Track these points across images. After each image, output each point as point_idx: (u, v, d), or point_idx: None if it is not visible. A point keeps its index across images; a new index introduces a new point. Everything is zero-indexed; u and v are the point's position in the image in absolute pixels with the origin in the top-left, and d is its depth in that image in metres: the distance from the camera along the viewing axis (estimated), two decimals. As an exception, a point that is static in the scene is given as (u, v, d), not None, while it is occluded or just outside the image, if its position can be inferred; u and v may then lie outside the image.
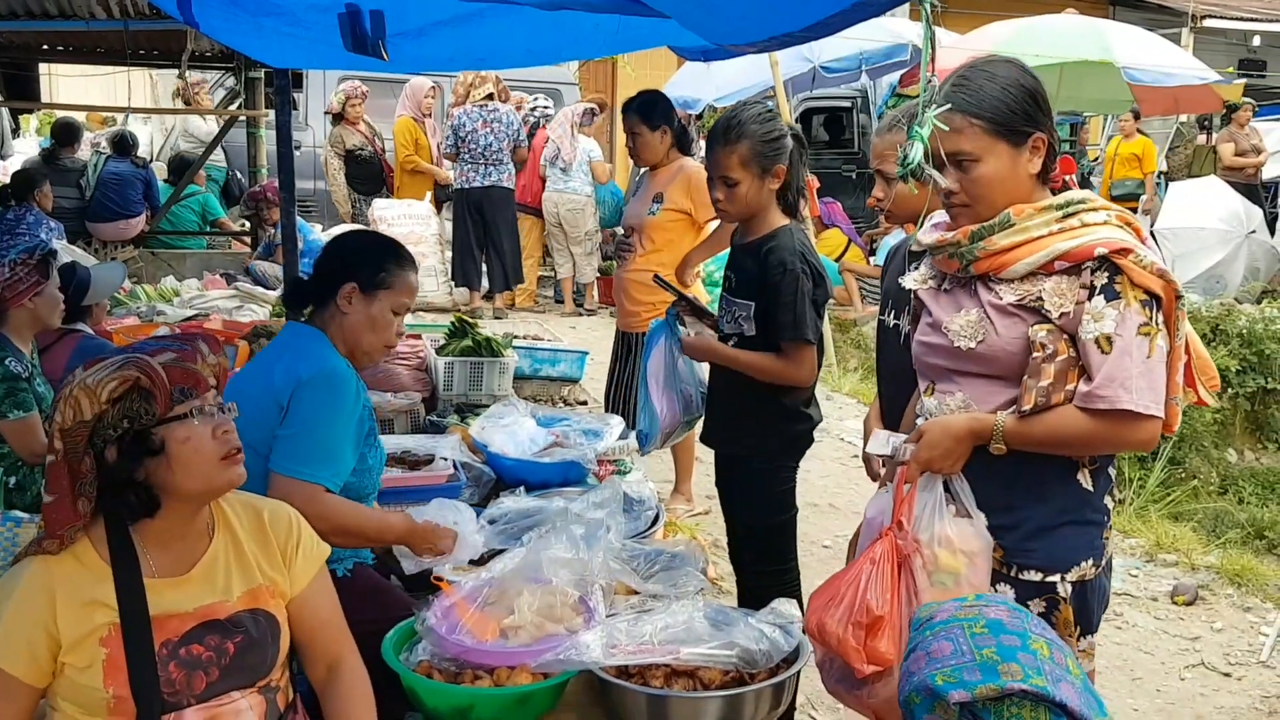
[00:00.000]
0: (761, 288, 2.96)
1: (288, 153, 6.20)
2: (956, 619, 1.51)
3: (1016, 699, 1.41)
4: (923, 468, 2.16)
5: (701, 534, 4.61)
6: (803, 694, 3.55)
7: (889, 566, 2.18)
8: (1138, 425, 1.95)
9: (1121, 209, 2.11)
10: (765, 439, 3.07)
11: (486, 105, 8.72)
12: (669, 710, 2.12)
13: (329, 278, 2.56)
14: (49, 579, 1.78)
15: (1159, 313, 1.98)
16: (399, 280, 2.56)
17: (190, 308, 6.79)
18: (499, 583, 2.37)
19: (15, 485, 3.50)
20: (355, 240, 2.70)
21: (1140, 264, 1.95)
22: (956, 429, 2.10)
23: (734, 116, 3.01)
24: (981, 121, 2.05)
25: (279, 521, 2.03)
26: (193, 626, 1.84)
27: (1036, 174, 2.09)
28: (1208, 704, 3.65)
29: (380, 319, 2.54)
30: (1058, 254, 2.00)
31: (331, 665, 2.05)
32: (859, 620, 2.15)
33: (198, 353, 1.87)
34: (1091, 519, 2.09)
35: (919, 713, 1.49)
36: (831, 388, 7.60)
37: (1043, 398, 1.99)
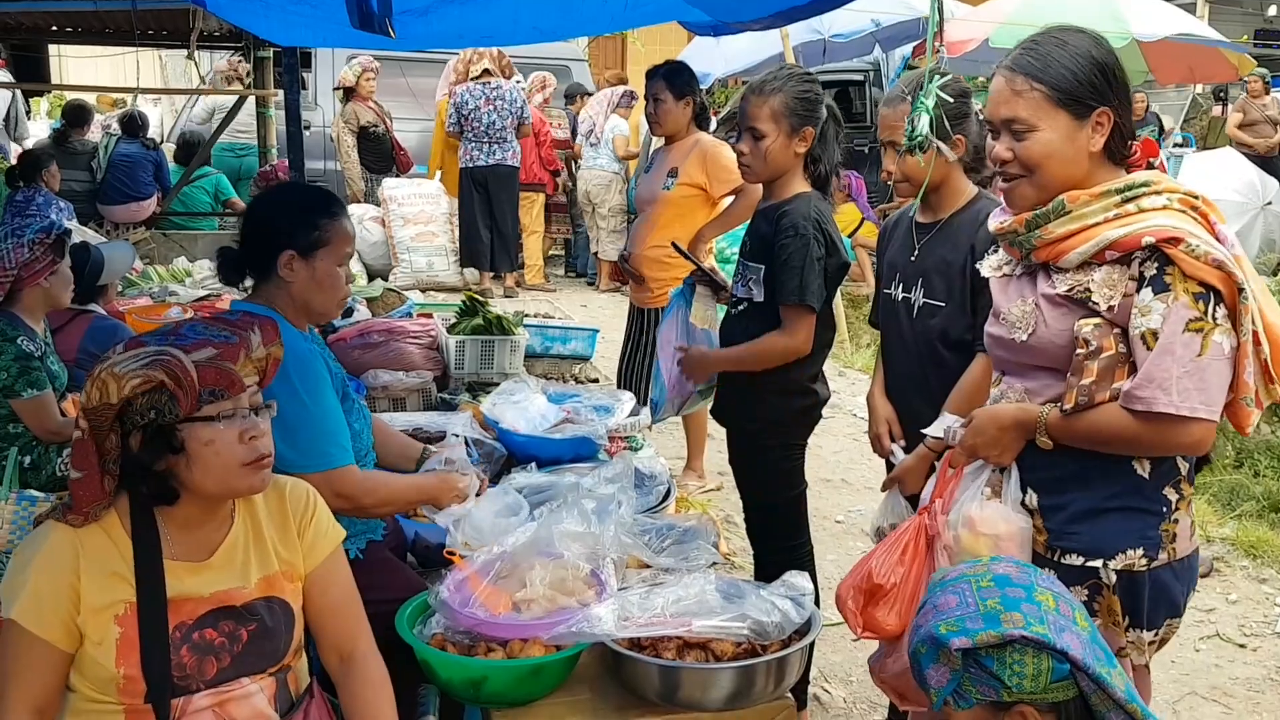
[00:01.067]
0: (772, 250, 2.94)
1: (297, 132, 6.23)
2: (965, 575, 1.52)
3: (1019, 646, 1.41)
4: (969, 454, 2.14)
5: (714, 510, 4.61)
6: (816, 667, 3.56)
7: (911, 543, 2.21)
8: (1181, 428, 1.85)
9: (1192, 191, 1.96)
10: (773, 415, 3.06)
11: (490, 83, 8.67)
12: (681, 681, 2.12)
13: (263, 248, 2.45)
14: (74, 542, 1.77)
15: (1218, 307, 1.84)
16: (334, 232, 2.46)
17: (202, 288, 6.81)
18: (511, 557, 2.37)
19: (30, 465, 3.52)
20: (279, 202, 2.58)
21: (1193, 254, 1.82)
22: (1003, 419, 2.07)
23: (770, 73, 3.00)
24: (1043, 87, 1.95)
25: (296, 498, 2.03)
26: (207, 611, 1.84)
27: (1100, 152, 1.98)
28: (1222, 675, 3.64)
29: (325, 278, 2.45)
30: (1107, 243, 1.90)
31: (345, 654, 2.02)
32: (859, 585, 2.21)
33: (244, 346, 1.81)
34: (1145, 508, 1.98)
35: (925, 662, 1.49)
36: (844, 364, 7.58)
37: (1084, 396, 1.91)
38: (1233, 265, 1.83)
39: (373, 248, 9.33)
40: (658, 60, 4.99)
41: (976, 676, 1.44)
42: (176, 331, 1.81)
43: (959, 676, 1.45)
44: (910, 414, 2.77)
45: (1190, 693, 3.54)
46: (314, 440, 2.34)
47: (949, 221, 2.71)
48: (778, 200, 3.02)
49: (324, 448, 2.35)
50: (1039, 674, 1.41)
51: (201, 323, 1.86)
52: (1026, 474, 2.10)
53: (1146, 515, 1.99)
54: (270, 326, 1.89)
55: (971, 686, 1.45)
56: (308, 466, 2.29)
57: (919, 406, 2.73)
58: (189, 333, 1.81)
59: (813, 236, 2.90)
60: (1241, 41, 12.55)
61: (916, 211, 2.82)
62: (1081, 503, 2.02)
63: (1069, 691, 1.42)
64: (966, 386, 2.63)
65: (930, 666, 1.48)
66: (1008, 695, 1.42)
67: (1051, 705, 1.43)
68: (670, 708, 2.14)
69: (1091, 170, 1.99)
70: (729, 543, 4.23)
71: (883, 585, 2.21)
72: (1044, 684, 1.41)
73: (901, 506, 2.59)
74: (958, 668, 1.45)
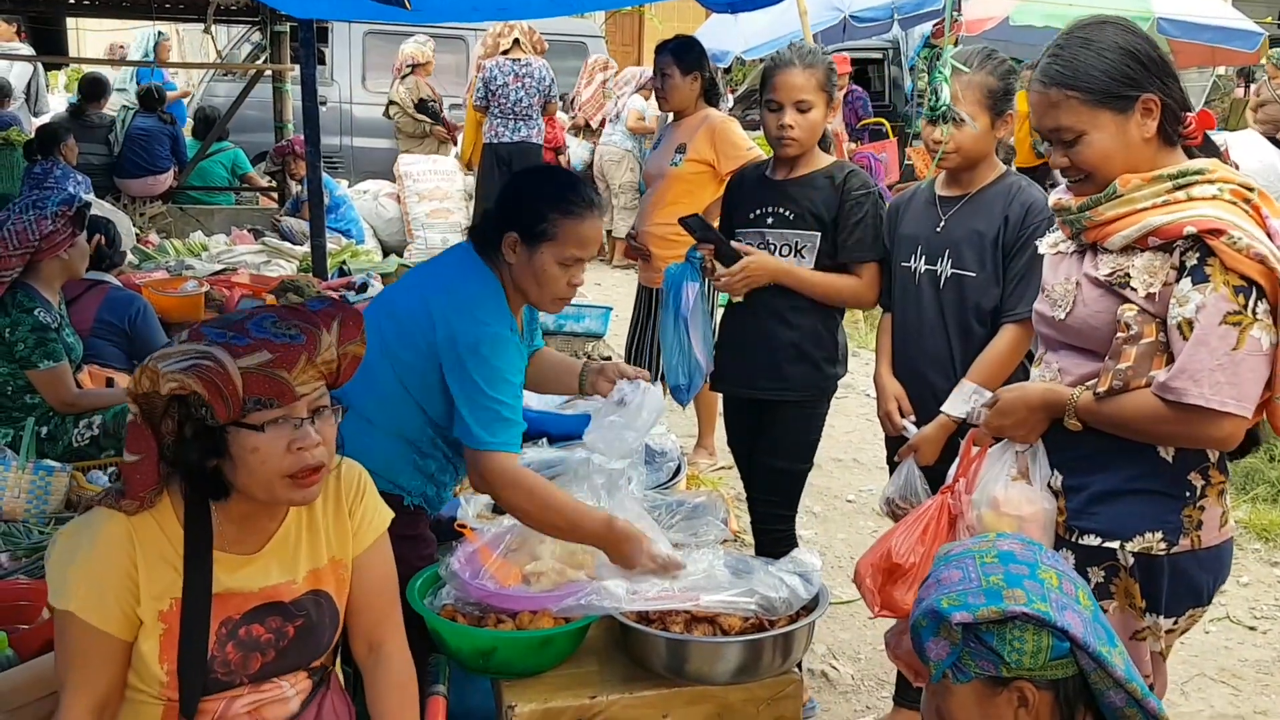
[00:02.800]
0: (840, 211, 2.95)
1: (313, 107, 6.22)
2: (970, 550, 1.52)
3: (1019, 622, 1.42)
4: (994, 434, 2.14)
5: (724, 487, 4.62)
6: (824, 644, 3.58)
7: (932, 523, 2.23)
8: (1212, 422, 1.82)
9: (1248, 183, 1.90)
10: (816, 381, 3.06)
11: (519, 59, 8.64)
12: (689, 655, 2.14)
13: (496, 219, 2.38)
14: (128, 530, 1.72)
15: (1259, 301, 1.80)
16: (565, 231, 2.31)
17: (218, 262, 6.84)
18: (521, 530, 2.39)
19: (47, 435, 3.55)
20: (523, 183, 2.46)
21: (1234, 246, 1.78)
22: (1031, 399, 2.06)
23: (801, 47, 3.01)
24: (1078, 93, 1.93)
25: (350, 479, 1.96)
26: (255, 606, 1.80)
27: (1156, 137, 1.94)
28: (1231, 657, 3.64)
29: (544, 272, 2.33)
30: (1150, 229, 1.87)
31: (373, 646, 1.97)
32: (878, 564, 2.22)
33: (309, 349, 1.69)
34: (1166, 491, 1.96)
35: (925, 635, 1.51)
36: (859, 343, 7.56)
37: (1119, 381, 1.90)
38: (1276, 260, 1.80)
39: (387, 224, 9.35)
40: (673, 35, 4.94)
41: (976, 651, 1.45)
42: (241, 326, 1.69)
43: (959, 650, 1.46)
44: (930, 391, 2.76)
45: (1199, 674, 3.53)
46: (492, 418, 2.25)
47: (977, 195, 2.74)
48: (815, 169, 3.02)
49: (499, 428, 2.25)
50: (1038, 651, 1.42)
51: (275, 314, 1.74)
52: (1051, 454, 2.09)
53: (1167, 499, 1.96)
54: (354, 322, 1.78)
55: (971, 661, 1.46)
56: (481, 444, 2.25)
57: (939, 382, 2.73)
58: (254, 328, 1.68)
59: (877, 195, 2.98)
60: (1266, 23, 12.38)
61: (939, 185, 2.82)
62: (1101, 484, 2.01)
63: (1068, 669, 1.43)
64: (990, 358, 2.64)
65: (930, 639, 1.50)
66: (1006, 671, 1.43)
67: (1050, 682, 1.43)
68: (677, 680, 2.16)
69: (1151, 156, 1.96)
70: (739, 520, 4.23)
71: (901, 564, 2.22)
72: (1043, 661, 1.42)
73: (915, 479, 2.60)
74: (957, 642, 1.46)
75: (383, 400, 2.34)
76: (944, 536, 2.21)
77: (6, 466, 3.22)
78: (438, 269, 2.45)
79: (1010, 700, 1.44)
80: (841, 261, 2.99)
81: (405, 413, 2.36)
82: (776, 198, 3.05)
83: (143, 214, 8.37)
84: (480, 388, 2.24)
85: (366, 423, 2.33)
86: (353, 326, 1.77)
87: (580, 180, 2.44)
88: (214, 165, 9.38)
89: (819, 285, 2.99)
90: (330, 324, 1.74)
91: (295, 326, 1.71)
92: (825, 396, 3.13)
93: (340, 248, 7.77)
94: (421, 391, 2.34)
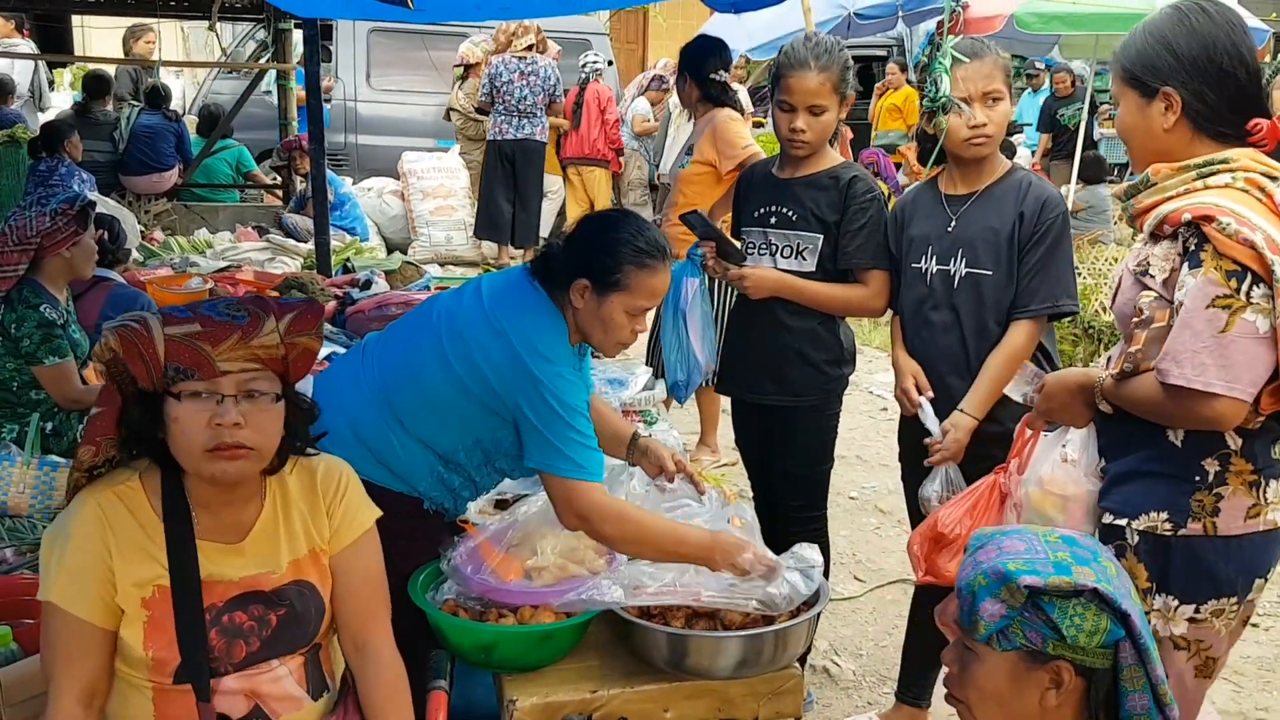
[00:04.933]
0: (844, 216, 2.91)
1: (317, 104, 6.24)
2: (1029, 529, 1.54)
3: (1085, 599, 1.42)
4: (1042, 418, 2.22)
5: (728, 485, 4.63)
6: (825, 640, 3.58)
7: (982, 499, 2.32)
8: (1200, 402, 1.86)
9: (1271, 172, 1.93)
10: (821, 385, 3.02)
11: (525, 57, 8.65)
12: (689, 650, 2.15)
13: (568, 262, 2.33)
14: (101, 519, 1.76)
15: (1255, 285, 1.83)
16: (637, 283, 2.28)
17: (222, 259, 6.87)
18: (523, 526, 2.40)
19: (52, 431, 3.56)
20: (599, 230, 2.37)
21: (1224, 232, 1.83)
22: (1070, 383, 2.15)
23: (816, 44, 2.90)
24: (1117, 65, 2.06)
25: (329, 478, 1.96)
26: (237, 595, 1.82)
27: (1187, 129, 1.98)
28: (1234, 653, 3.59)
29: (611, 320, 2.31)
30: (1161, 217, 1.95)
31: (360, 646, 1.95)
32: (926, 534, 2.35)
33: (244, 331, 1.72)
34: (1175, 474, 1.99)
35: (982, 595, 1.48)
36: (862, 341, 7.57)
37: (1130, 364, 1.96)
38: (1264, 247, 1.82)
39: (392, 221, 9.36)
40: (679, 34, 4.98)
41: (1031, 621, 1.44)
42: (198, 306, 1.78)
43: (1013, 616, 1.45)
44: (945, 392, 2.75)
45: (1201, 671, 3.54)
46: (566, 444, 2.22)
47: (986, 191, 2.71)
48: (823, 169, 2.97)
49: (577, 454, 2.23)
50: (1095, 631, 1.42)
51: (240, 300, 1.81)
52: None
53: (1176, 481, 2.00)
54: (311, 317, 1.80)
55: (1021, 629, 1.45)
56: (559, 470, 2.23)
57: (954, 383, 2.73)
58: (206, 307, 1.76)
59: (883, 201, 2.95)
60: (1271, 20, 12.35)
61: (944, 183, 2.80)
62: (1121, 465, 2.08)
63: (1107, 660, 1.43)
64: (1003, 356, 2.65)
65: (987, 599, 1.47)
66: (1052, 647, 1.43)
67: (1088, 670, 1.43)
68: (678, 675, 2.17)
69: (1183, 145, 2.01)
70: (742, 517, 4.24)
71: (946, 534, 2.33)
72: (1096, 643, 1.42)
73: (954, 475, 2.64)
74: (1016, 606, 1.45)
75: (427, 412, 2.31)
76: (993, 512, 2.30)
77: (11, 462, 3.24)
78: (505, 295, 2.36)
79: (1042, 681, 1.44)
80: (843, 268, 2.94)
81: (447, 429, 2.33)
82: (781, 197, 3.01)
83: (148, 211, 8.39)
84: (557, 419, 2.22)
85: (398, 424, 2.31)
86: (309, 320, 1.79)
87: (653, 228, 2.40)
88: (219, 163, 9.40)
89: (821, 298, 2.95)
90: (284, 314, 1.77)
91: (245, 310, 1.76)
92: (833, 398, 3.09)
93: (345, 245, 7.79)
94: (475, 412, 2.30)
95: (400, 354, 2.38)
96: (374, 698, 1.93)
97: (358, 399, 2.36)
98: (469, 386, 2.27)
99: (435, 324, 2.35)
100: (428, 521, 2.39)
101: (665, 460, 2.57)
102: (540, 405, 2.22)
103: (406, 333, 2.43)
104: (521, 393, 2.23)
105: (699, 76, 4.65)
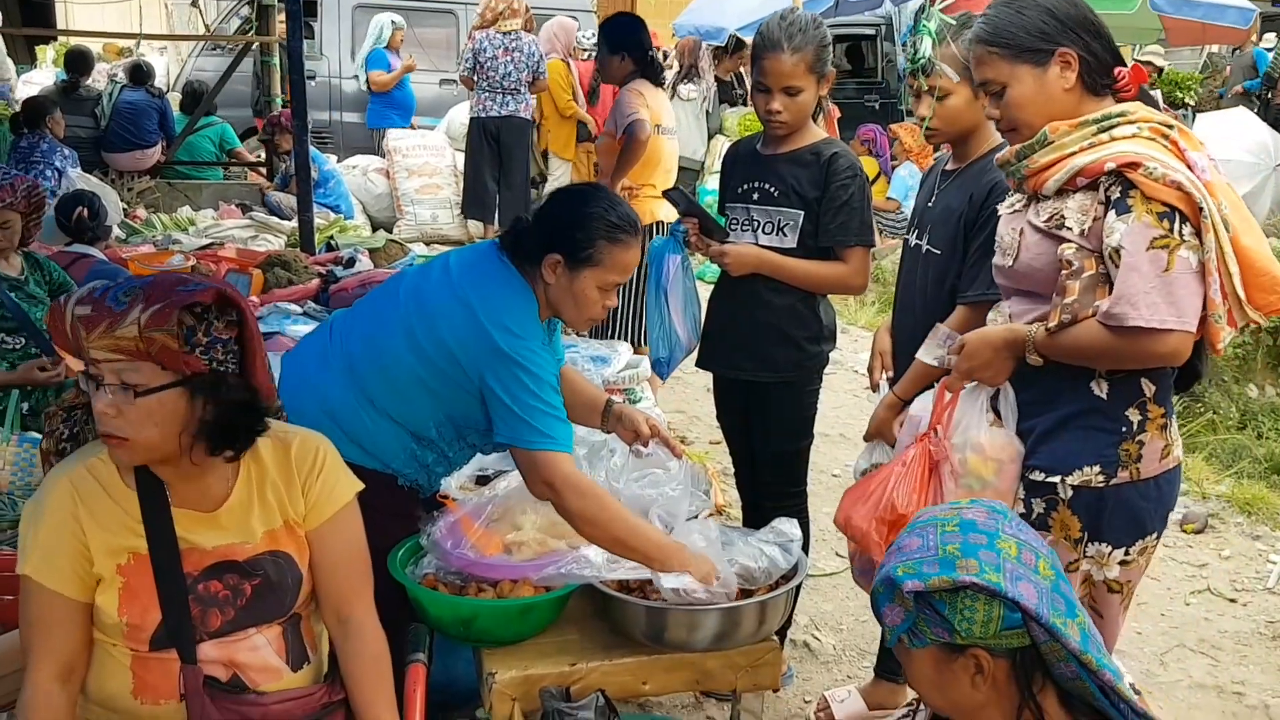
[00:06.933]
0: (825, 192, 2.91)
1: (300, 80, 6.20)
2: (935, 518, 1.53)
3: (970, 592, 1.43)
4: (964, 377, 2.22)
5: (711, 462, 4.64)
6: (807, 615, 3.60)
7: (919, 469, 2.30)
8: (1154, 340, 1.94)
9: (1166, 120, 2.05)
10: (800, 361, 3.02)
11: (510, 33, 8.57)
12: (667, 623, 2.16)
13: (539, 238, 2.32)
14: (73, 494, 1.77)
15: (1184, 225, 1.93)
16: (610, 258, 2.29)
17: (205, 237, 6.83)
18: (503, 501, 2.41)
19: (29, 410, 3.54)
20: (571, 205, 2.37)
21: (1150, 176, 1.91)
22: (994, 340, 2.17)
23: (790, 24, 2.89)
24: (997, 48, 2.09)
25: (305, 453, 1.94)
26: (212, 564, 1.82)
27: (1077, 88, 2.08)
28: (1211, 628, 3.67)
29: (583, 295, 2.31)
30: (1075, 170, 2.00)
31: (342, 618, 1.95)
32: (883, 516, 2.29)
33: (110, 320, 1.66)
34: (1102, 427, 2.08)
35: (881, 602, 1.52)
36: (848, 320, 7.58)
37: (1068, 314, 2.01)
38: (1191, 186, 1.91)
39: (377, 199, 9.31)
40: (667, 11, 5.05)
41: (930, 619, 1.46)
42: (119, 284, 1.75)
43: (913, 617, 1.48)
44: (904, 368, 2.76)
45: (1179, 645, 3.57)
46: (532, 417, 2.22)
47: (965, 169, 2.70)
48: (805, 145, 2.96)
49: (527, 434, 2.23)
50: (989, 620, 1.42)
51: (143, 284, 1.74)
52: None
53: (1103, 434, 2.08)
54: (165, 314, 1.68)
55: (926, 627, 1.47)
56: (526, 442, 2.22)
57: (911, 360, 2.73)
58: (118, 288, 1.72)
59: (865, 178, 2.95)
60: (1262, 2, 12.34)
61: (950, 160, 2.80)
62: (1046, 422, 2.13)
63: (1023, 639, 1.43)
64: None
65: (886, 606, 1.51)
66: (959, 639, 1.44)
67: (1006, 651, 1.44)
68: (656, 648, 2.19)
69: (1074, 105, 2.09)
70: (725, 494, 4.25)
71: (906, 515, 2.28)
72: (994, 630, 1.42)
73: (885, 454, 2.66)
74: (911, 609, 1.47)
75: (396, 389, 2.30)
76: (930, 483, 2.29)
77: (-9, 439, 3.23)
78: (473, 269, 2.36)
79: (966, 667, 1.45)
80: (824, 245, 2.94)
81: (417, 406, 2.32)
82: (763, 173, 3.00)
83: (130, 188, 8.33)
84: (525, 391, 2.22)
85: (368, 402, 2.31)
86: (162, 318, 1.67)
87: (624, 203, 2.40)
88: (202, 140, 9.35)
89: (800, 275, 2.95)
90: (149, 307, 1.67)
91: (131, 297, 1.69)
92: (813, 374, 3.09)
93: (329, 223, 7.75)
94: (447, 391, 2.30)
95: (368, 331, 2.37)
96: (356, 670, 1.93)
97: (327, 377, 2.36)
98: (436, 363, 2.27)
99: (402, 301, 2.35)
100: (403, 497, 2.39)
101: (640, 424, 2.57)
102: (508, 379, 2.22)
103: (373, 310, 2.43)
104: (489, 367, 2.23)
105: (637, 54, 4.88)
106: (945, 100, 2.60)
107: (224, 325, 1.76)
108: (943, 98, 2.60)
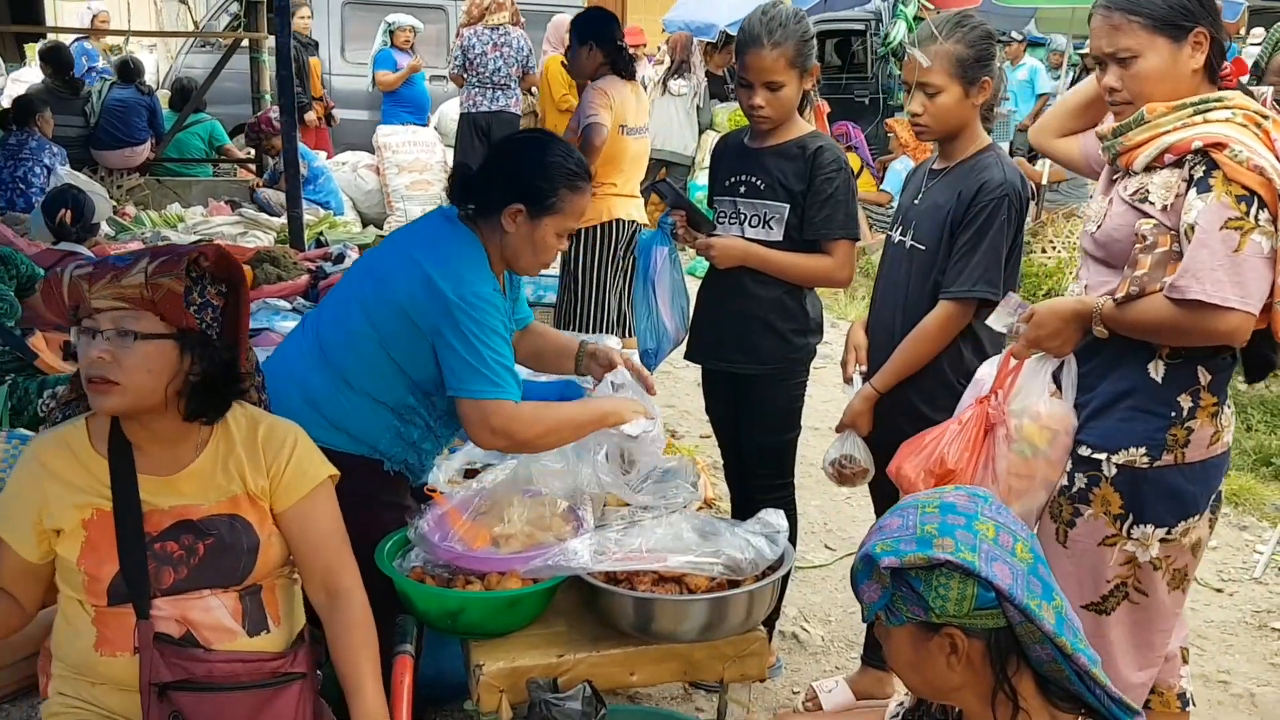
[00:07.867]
0: (810, 186, 2.91)
1: (287, 76, 6.18)
2: (918, 500, 1.55)
3: (945, 570, 1.44)
4: (1030, 346, 2.26)
5: (701, 455, 4.65)
6: (795, 607, 3.62)
7: (975, 430, 2.37)
8: (1214, 316, 1.97)
9: (1263, 110, 2.07)
10: (786, 354, 3.03)
11: (499, 28, 8.57)
12: (654, 613, 2.17)
13: (497, 189, 2.36)
14: (38, 459, 1.92)
15: (1261, 210, 1.96)
16: (570, 204, 2.37)
17: (194, 233, 6.82)
18: (490, 493, 2.41)
19: (13, 408, 3.54)
20: (530, 156, 2.40)
21: (1235, 159, 1.96)
22: (1063, 310, 2.22)
23: (770, 19, 2.89)
24: (1139, 18, 2.09)
25: (273, 439, 2.02)
26: (170, 524, 1.91)
27: (1202, 70, 2.11)
28: (1198, 618, 3.70)
29: (542, 243, 2.38)
30: (1164, 147, 2.05)
31: (330, 591, 2.01)
32: (932, 469, 2.37)
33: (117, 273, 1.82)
34: (1153, 409, 2.13)
35: (860, 579, 1.54)
36: (838, 314, 7.60)
37: (1135, 287, 2.05)
38: (1274, 173, 1.95)
39: (367, 195, 9.30)
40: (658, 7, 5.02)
41: (906, 596, 1.47)
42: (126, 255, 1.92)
43: (889, 594, 1.49)
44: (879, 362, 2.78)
45: (1165, 635, 3.59)
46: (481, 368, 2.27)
47: (954, 168, 2.71)
48: (791, 139, 2.96)
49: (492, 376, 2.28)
50: (963, 599, 1.43)
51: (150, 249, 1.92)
52: None
53: (1154, 417, 2.13)
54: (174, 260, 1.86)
55: (902, 605, 1.48)
56: (471, 392, 2.28)
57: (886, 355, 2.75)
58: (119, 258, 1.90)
59: (850, 171, 2.96)
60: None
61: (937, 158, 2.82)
62: (1099, 398, 2.18)
63: (998, 620, 1.44)
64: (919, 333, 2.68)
65: (864, 583, 1.53)
66: (934, 617, 1.45)
67: (981, 631, 1.45)
68: (644, 639, 2.19)
69: (1195, 88, 2.11)
70: (715, 487, 4.26)
71: (954, 470, 2.36)
72: (968, 609, 1.43)
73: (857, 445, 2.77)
74: (887, 585, 1.49)
75: (362, 363, 2.35)
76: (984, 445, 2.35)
77: (-20, 435, 3.22)
78: (419, 231, 2.45)
79: (942, 646, 1.47)
80: (809, 238, 2.94)
81: (386, 376, 2.36)
82: (750, 166, 3.01)
83: (120, 186, 8.30)
84: (474, 340, 2.26)
85: (345, 384, 2.36)
86: (169, 266, 1.85)
87: (574, 149, 2.46)
88: (191, 137, 9.32)
89: (785, 268, 2.95)
90: (157, 258, 1.86)
91: (135, 258, 1.86)
92: (799, 367, 3.10)
93: (319, 219, 7.74)
94: (404, 354, 2.34)
95: (332, 314, 2.45)
96: (345, 636, 1.98)
97: (304, 367, 2.41)
98: (392, 324, 2.31)
99: (357, 275, 2.43)
100: (392, 485, 2.41)
101: (614, 355, 2.63)
102: (459, 329, 2.26)
103: (335, 294, 2.50)
104: (440, 318, 2.27)
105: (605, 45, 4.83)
106: (936, 98, 2.62)
107: (216, 293, 1.91)
108: (934, 95, 2.62)
